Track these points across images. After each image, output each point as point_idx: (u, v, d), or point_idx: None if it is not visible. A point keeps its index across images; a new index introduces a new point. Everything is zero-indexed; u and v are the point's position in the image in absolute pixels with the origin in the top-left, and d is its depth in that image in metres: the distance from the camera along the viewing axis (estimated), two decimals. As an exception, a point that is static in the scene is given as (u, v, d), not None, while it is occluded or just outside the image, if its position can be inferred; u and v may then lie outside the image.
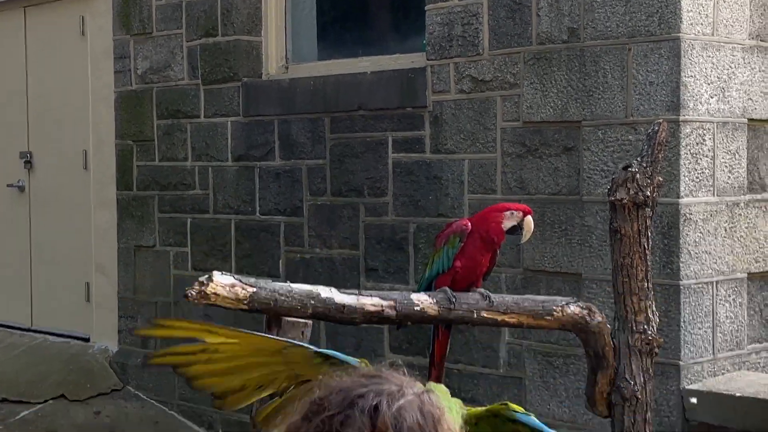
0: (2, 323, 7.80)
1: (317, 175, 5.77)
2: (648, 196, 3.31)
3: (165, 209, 6.63)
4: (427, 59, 5.24)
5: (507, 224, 3.35)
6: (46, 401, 6.68)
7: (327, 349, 5.64)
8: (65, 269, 7.35)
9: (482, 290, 3.36)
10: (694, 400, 3.43)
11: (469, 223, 3.41)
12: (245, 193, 6.14)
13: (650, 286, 3.37)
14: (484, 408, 2.10)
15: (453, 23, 5.11)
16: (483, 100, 5.03)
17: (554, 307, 3.33)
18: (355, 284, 5.41)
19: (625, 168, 3.35)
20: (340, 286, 3.65)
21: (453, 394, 5.44)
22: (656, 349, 3.37)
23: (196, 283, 2.93)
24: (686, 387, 4.37)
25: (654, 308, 3.39)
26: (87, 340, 7.18)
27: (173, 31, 6.50)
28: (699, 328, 4.45)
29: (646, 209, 3.33)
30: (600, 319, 3.35)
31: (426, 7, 5.23)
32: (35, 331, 7.54)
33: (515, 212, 3.38)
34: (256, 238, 6.07)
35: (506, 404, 2.07)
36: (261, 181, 6.06)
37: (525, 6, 4.85)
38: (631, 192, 3.30)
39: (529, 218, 3.35)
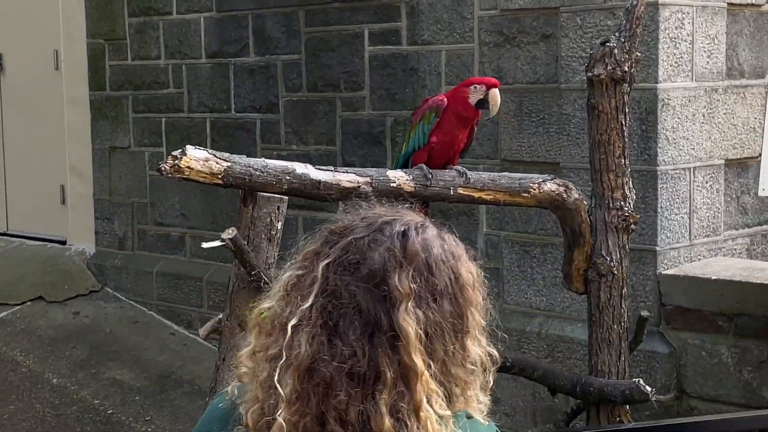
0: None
1: (292, 71, 5.72)
2: (626, 72, 3.29)
3: (139, 109, 6.58)
4: (403, -53, 5.18)
5: (473, 98, 3.30)
6: (24, 303, 6.68)
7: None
8: (39, 172, 7.29)
9: (459, 167, 3.35)
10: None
11: (445, 99, 3.37)
12: (220, 90, 6.09)
13: (627, 163, 3.37)
14: None
15: None
16: (460, -12, 4.98)
17: (531, 184, 3.32)
18: (332, 178, 5.40)
19: (603, 43, 3.32)
20: (316, 169, 3.64)
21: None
22: (632, 226, 3.37)
23: (170, 157, 2.89)
24: (662, 272, 4.41)
25: (630, 185, 3.38)
26: (63, 242, 7.16)
27: (143, -75, 6.40)
28: (676, 214, 4.48)
29: (624, 85, 3.31)
30: (577, 196, 3.35)
31: None
32: (11, 235, 7.51)
33: (478, 86, 3.33)
34: (232, 136, 6.04)
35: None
36: (236, 78, 6.01)
37: None
38: (609, 67, 3.27)
39: (494, 91, 3.29)
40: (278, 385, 1.43)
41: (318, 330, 1.44)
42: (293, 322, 1.46)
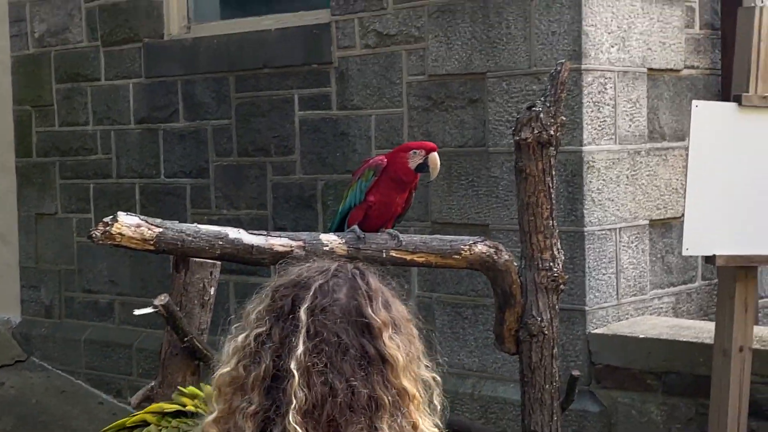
0: None
1: (223, 136, 5.73)
2: (552, 135, 3.36)
3: (66, 175, 6.53)
4: (332, 15, 5.24)
5: (413, 163, 3.34)
6: (-52, 373, 6.55)
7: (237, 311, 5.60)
8: (-36, 239, 7.20)
9: (391, 230, 3.37)
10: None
11: (385, 160, 3.39)
12: (149, 156, 6.08)
13: (555, 224, 3.43)
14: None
15: (357, -22, 5.13)
16: (388, 54, 5.05)
17: (462, 246, 3.36)
18: (264, 243, 5.39)
19: (530, 108, 3.40)
20: (248, 234, 3.64)
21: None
22: (562, 286, 3.43)
23: (101, 224, 2.88)
24: (591, 332, 4.47)
25: (559, 246, 3.45)
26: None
27: (71, -7, 6.40)
28: (603, 274, 4.55)
29: (550, 148, 3.38)
30: (507, 257, 3.40)
31: (329, -37, 5.24)
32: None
33: (418, 151, 3.37)
34: (162, 201, 6.01)
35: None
36: (165, 144, 6.00)
37: (428, -41, 4.88)
38: (536, 131, 3.35)
39: (433, 155, 3.34)
40: None
41: (316, 373, 1.48)
42: (289, 368, 1.49)
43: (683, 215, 4.14)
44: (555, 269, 3.41)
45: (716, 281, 4.41)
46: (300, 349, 1.49)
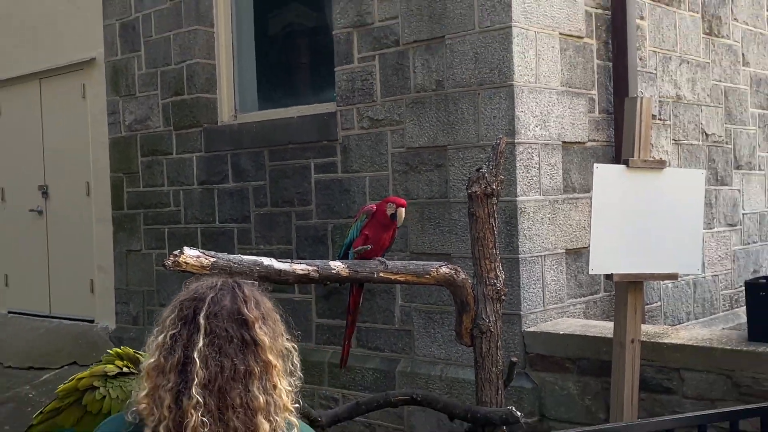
0: (28, 312, 7.54)
1: (260, 193, 5.73)
2: (494, 189, 3.37)
3: (148, 222, 6.51)
4: (337, 106, 5.25)
5: (389, 212, 3.36)
6: (62, 367, 6.47)
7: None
8: (75, 269, 7.15)
9: (380, 258, 3.37)
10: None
11: (375, 207, 3.41)
12: (207, 207, 6.07)
13: (497, 252, 3.43)
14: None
15: (354, 80, 5.14)
16: (378, 133, 5.06)
17: (431, 269, 3.36)
18: (290, 269, 5.36)
19: (478, 170, 3.41)
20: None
21: (362, 345, 5.49)
22: (503, 297, 3.42)
23: (172, 255, 2.87)
24: (525, 330, 4.44)
25: (500, 268, 3.44)
26: (92, 321, 6.98)
27: (151, 92, 6.40)
28: (533, 288, 4.53)
29: (493, 198, 3.39)
30: (464, 276, 3.39)
31: (335, 69, 5.25)
32: (53, 317, 7.30)
33: (392, 204, 3.39)
34: (216, 240, 5.99)
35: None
36: (219, 199, 5.99)
37: (405, 66, 4.90)
38: (482, 186, 3.36)
39: (400, 209, 3.35)
40: (185, 401, 1.60)
41: (210, 358, 1.63)
42: (184, 356, 1.64)
43: (589, 245, 4.14)
44: (498, 285, 3.40)
45: (614, 292, 4.40)
46: (200, 343, 1.64)
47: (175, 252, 2.89)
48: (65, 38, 7.08)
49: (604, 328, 4.32)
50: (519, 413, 3.24)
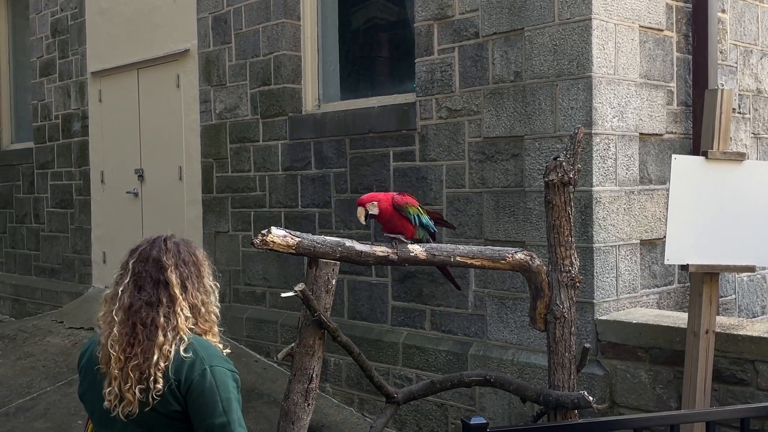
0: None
1: (340, 179, 5.77)
2: (571, 177, 3.31)
3: (235, 206, 6.64)
4: (417, 96, 5.25)
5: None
6: (153, 339, 6.67)
7: (349, 304, 5.51)
8: (166, 249, 7.33)
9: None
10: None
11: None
12: (291, 193, 6.15)
13: (572, 240, 3.36)
14: None
15: (434, 71, 5.12)
16: (455, 123, 5.03)
17: (507, 254, 3.31)
18: (368, 253, 5.39)
19: (555, 158, 3.35)
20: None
21: (436, 328, 5.45)
22: (577, 283, 3.35)
23: (260, 234, 2.91)
24: (598, 318, 4.36)
25: (575, 255, 3.37)
26: (182, 297, 7.16)
27: (240, 83, 6.51)
28: (606, 278, 4.44)
29: (570, 186, 3.32)
30: (539, 262, 3.34)
31: (415, 61, 5.24)
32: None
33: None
34: (299, 224, 6.07)
35: None
36: (302, 185, 6.07)
37: (484, 58, 4.85)
38: (559, 174, 3.30)
39: (359, 208, 3.24)
40: (114, 318, 2.22)
41: (132, 290, 2.24)
42: (120, 291, 2.24)
43: (665, 236, 4.03)
44: (572, 272, 3.34)
45: (689, 284, 4.28)
46: (127, 279, 2.25)
47: (263, 231, 2.93)
48: (162, 31, 7.26)
49: (678, 318, 4.21)
50: (591, 398, 3.18)
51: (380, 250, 3.13)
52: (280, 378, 5.94)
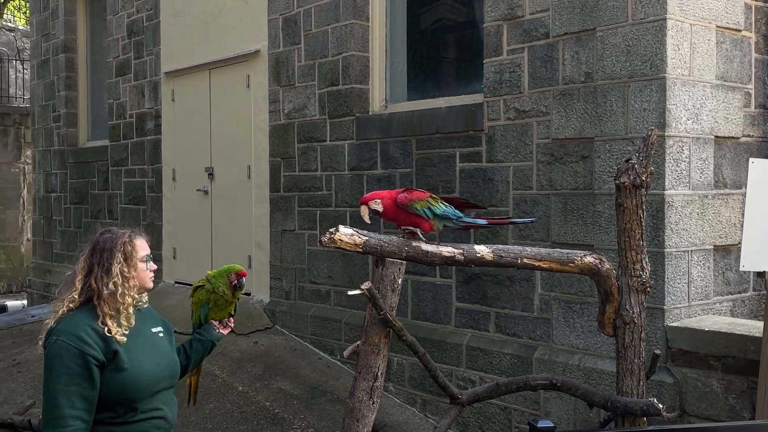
0: (192, 283, 7.92)
1: (406, 179, 5.78)
2: (643, 180, 3.24)
3: (302, 205, 6.71)
4: (484, 97, 5.21)
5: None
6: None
7: (413, 304, 5.54)
8: (234, 245, 7.47)
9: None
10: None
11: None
12: (357, 192, 6.18)
13: (644, 244, 3.30)
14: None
15: (503, 71, 5.08)
16: (523, 124, 4.98)
17: (575, 257, 3.27)
18: (433, 253, 5.38)
19: (627, 161, 3.29)
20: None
21: (500, 330, 5.41)
22: (648, 288, 3.28)
23: (328, 232, 2.94)
24: (668, 324, 4.26)
25: (647, 260, 3.30)
26: (248, 294, 7.25)
27: (309, 83, 6.58)
28: (678, 283, 4.33)
29: (642, 189, 3.26)
30: (608, 266, 3.28)
31: (483, 61, 5.21)
32: (213, 289, 7.64)
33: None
34: (364, 223, 6.06)
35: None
36: (367, 184, 6.09)
37: (554, 58, 4.80)
38: (631, 177, 3.24)
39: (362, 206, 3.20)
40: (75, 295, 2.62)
41: (89, 267, 2.65)
42: (79, 266, 2.66)
43: (740, 242, 3.91)
44: (643, 276, 3.27)
45: (764, 291, 4.14)
46: (85, 254, 2.67)
47: (331, 230, 2.96)
48: (233, 32, 7.40)
49: (753, 327, 4.07)
50: (661, 405, 3.11)
51: (446, 250, 3.12)
52: (343, 376, 5.98)
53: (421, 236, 3.12)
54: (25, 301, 11.31)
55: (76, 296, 2.59)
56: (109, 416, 2.52)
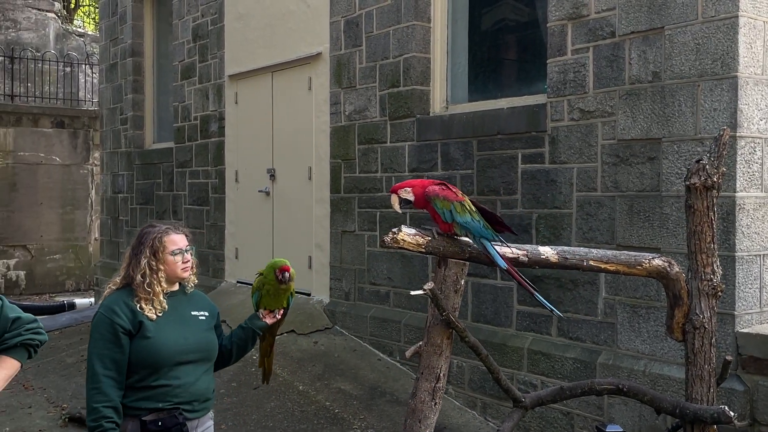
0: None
1: (467, 181, 5.74)
2: (714, 181, 3.14)
3: (362, 206, 6.73)
4: (547, 97, 5.15)
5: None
6: (282, 333, 6.81)
7: (473, 306, 5.48)
8: (295, 246, 7.53)
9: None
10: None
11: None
12: (417, 194, 6.15)
13: (715, 247, 3.19)
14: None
15: (567, 71, 5.01)
16: (588, 125, 4.90)
17: (643, 260, 3.18)
18: (494, 255, 5.33)
19: (698, 161, 3.19)
20: (486, 246, 3.58)
21: (563, 334, 5.36)
22: (719, 293, 3.17)
23: (391, 232, 2.93)
24: (739, 330, 4.13)
25: (717, 263, 3.20)
26: (309, 294, 7.32)
27: (370, 85, 6.61)
28: (749, 288, 4.20)
29: (713, 191, 3.15)
30: (677, 269, 3.19)
31: (547, 61, 5.14)
32: (274, 289, 7.72)
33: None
34: (425, 225, 6.06)
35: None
36: (428, 186, 6.06)
37: (620, 58, 4.70)
38: (702, 177, 3.14)
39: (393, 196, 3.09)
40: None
41: (131, 257, 3.09)
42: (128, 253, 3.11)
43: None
44: (714, 280, 3.16)
45: (843, 298, 3.98)
46: (131, 245, 3.07)
47: (394, 229, 2.95)
48: (295, 35, 7.47)
49: (830, 335, 3.92)
50: (732, 413, 3.00)
51: (510, 252, 3.08)
52: (402, 377, 5.97)
53: (439, 231, 2.98)
54: (92, 299, 11.63)
55: (118, 280, 3.08)
56: (136, 379, 2.94)
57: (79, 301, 11.89)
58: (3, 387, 2.63)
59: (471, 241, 2.99)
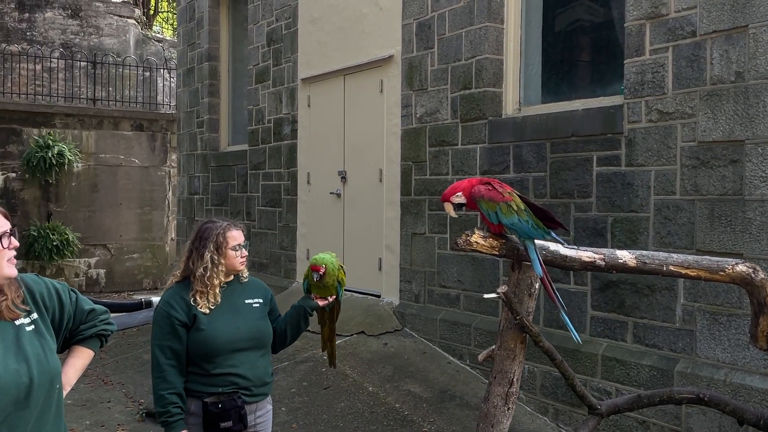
0: (324, 284, 8.09)
1: (540, 183, 5.66)
2: (803, 184, 3.01)
3: (432, 208, 6.71)
4: (624, 99, 5.03)
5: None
6: (352, 335, 6.87)
7: (545, 311, 5.39)
8: (366, 248, 7.56)
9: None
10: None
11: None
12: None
13: (804, 253, 3.06)
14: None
15: (645, 72, 4.88)
16: (666, 126, 4.77)
17: (726, 266, 3.07)
18: (567, 259, 5.24)
19: (785, 163, 3.06)
20: (561, 249, 3.52)
21: (638, 341, 5.23)
22: (808, 301, 3.04)
23: (463, 235, 2.89)
24: (828, 341, 3.94)
25: (807, 270, 3.07)
26: (378, 296, 7.34)
27: (441, 87, 6.58)
28: (839, 297, 4.00)
29: (802, 194, 3.02)
30: (762, 276, 3.06)
31: (624, 62, 5.03)
32: (346, 290, 7.74)
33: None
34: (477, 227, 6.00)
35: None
36: (500, 188, 6.00)
37: (701, 57, 4.56)
38: (790, 181, 3.01)
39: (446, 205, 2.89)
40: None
41: (193, 250, 3.22)
42: (187, 245, 3.27)
43: None
44: (802, 288, 3.03)
45: None
46: (190, 240, 3.22)
47: (467, 232, 2.91)
48: (368, 38, 7.51)
49: None
50: (822, 428, 2.87)
51: (587, 255, 3.01)
52: (472, 381, 5.92)
53: (489, 232, 2.85)
54: (168, 297, 11.90)
55: (178, 273, 3.24)
56: (195, 369, 3.12)
57: (156, 299, 12.21)
58: (80, 375, 2.72)
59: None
